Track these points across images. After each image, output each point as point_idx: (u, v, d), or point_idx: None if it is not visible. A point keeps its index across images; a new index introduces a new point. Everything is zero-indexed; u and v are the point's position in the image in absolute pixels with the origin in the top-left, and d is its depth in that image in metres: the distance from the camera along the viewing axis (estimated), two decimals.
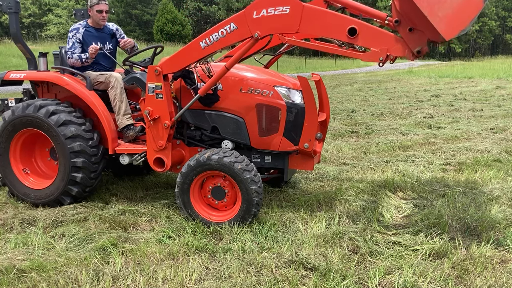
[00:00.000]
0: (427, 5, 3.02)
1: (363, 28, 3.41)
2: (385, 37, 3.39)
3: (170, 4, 50.70)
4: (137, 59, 5.00)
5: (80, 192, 4.47)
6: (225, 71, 3.89)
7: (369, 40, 3.42)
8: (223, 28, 3.73)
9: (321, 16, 3.50)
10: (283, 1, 3.53)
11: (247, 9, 3.64)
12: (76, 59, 4.62)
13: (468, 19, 3.01)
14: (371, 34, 3.41)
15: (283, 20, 3.57)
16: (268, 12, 3.58)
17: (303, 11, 3.51)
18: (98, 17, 4.74)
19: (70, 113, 4.41)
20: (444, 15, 3.00)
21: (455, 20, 3.01)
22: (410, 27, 3.27)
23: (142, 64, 4.78)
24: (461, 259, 3.29)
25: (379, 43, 3.40)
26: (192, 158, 3.96)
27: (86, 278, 3.06)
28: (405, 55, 3.36)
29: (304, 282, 3.05)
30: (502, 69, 27.20)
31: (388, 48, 3.38)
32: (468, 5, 2.98)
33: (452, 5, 2.98)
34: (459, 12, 2.99)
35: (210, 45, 3.81)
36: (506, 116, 10.22)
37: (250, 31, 3.66)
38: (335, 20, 3.48)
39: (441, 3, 3.00)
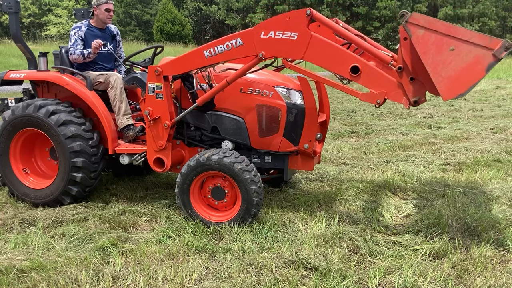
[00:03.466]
0: (431, 62, 3.06)
1: (366, 68, 3.42)
2: (386, 81, 3.40)
3: (170, 4, 50.69)
4: (137, 59, 5.01)
5: (80, 192, 4.47)
6: (226, 85, 3.93)
7: (370, 81, 3.44)
8: (229, 42, 3.74)
9: (327, 49, 3.50)
10: (293, 27, 3.54)
11: (256, 28, 3.65)
12: (78, 55, 4.62)
13: (468, 85, 3.04)
14: (373, 75, 3.42)
15: (289, 46, 3.57)
16: (275, 35, 3.58)
17: (310, 40, 3.51)
18: (106, 16, 4.76)
19: (70, 113, 4.41)
20: (447, 76, 3.03)
21: (456, 83, 3.04)
22: (412, 77, 3.28)
23: (142, 64, 4.78)
24: (461, 259, 3.30)
25: (379, 86, 3.42)
26: (192, 159, 3.96)
27: (86, 278, 3.06)
28: (402, 102, 3.39)
29: (304, 282, 3.05)
30: (502, 69, 27.15)
31: (387, 92, 3.41)
32: (471, 71, 3.00)
33: (456, 68, 3.01)
34: (461, 76, 3.02)
35: (213, 55, 3.82)
36: (506, 116, 10.22)
37: (256, 50, 3.67)
38: (340, 55, 3.48)
39: (445, 64, 3.03)
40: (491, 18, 61.84)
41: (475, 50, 2.94)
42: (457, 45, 2.99)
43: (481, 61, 2.95)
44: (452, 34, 2.99)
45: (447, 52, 3.01)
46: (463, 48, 2.97)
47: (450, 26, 3.03)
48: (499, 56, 2.89)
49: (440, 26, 3.01)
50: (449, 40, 3.00)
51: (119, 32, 5.15)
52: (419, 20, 3.04)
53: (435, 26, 3.02)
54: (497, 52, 2.88)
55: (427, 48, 3.05)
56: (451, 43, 3.00)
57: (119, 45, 5.15)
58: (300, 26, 3.51)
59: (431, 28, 3.02)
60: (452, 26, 3.02)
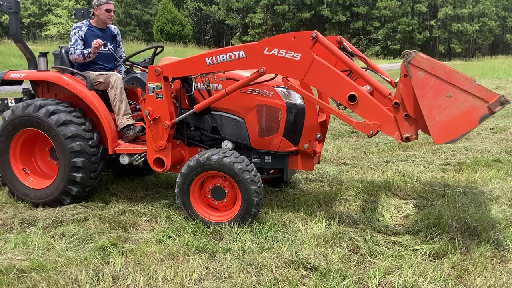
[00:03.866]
0: (428, 105, 3.10)
1: (363, 98, 3.45)
2: (381, 114, 3.45)
3: (170, 4, 50.69)
4: (137, 59, 5.01)
5: (80, 192, 4.47)
6: (224, 95, 3.96)
7: (365, 112, 3.48)
8: (232, 53, 3.76)
9: (327, 74, 3.52)
10: (297, 47, 3.55)
11: (260, 43, 3.67)
12: (78, 55, 4.63)
13: (460, 132, 3.11)
14: (369, 106, 3.46)
15: (291, 65, 3.59)
16: (279, 53, 3.60)
17: (312, 63, 3.53)
18: (106, 16, 4.77)
19: (70, 113, 4.41)
20: (441, 121, 3.09)
21: (448, 129, 3.10)
22: (407, 113, 3.33)
23: (142, 64, 4.79)
24: (461, 259, 3.30)
25: (374, 118, 3.47)
26: (192, 159, 3.96)
27: (86, 278, 3.06)
28: (394, 136, 3.43)
29: (304, 282, 3.05)
30: (502, 69, 27.16)
31: (381, 125, 3.46)
32: (464, 120, 3.05)
33: (450, 115, 3.07)
34: (454, 123, 3.08)
35: (215, 64, 3.85)
36: (506, 116, 10.21)
37: (257, 64, 3.69)
38: (340, 82, 3.51)
39: (441, 109, 3.07)
40: (491, 18, 61.84)
41: (472, 100, 2.99)
42: (455, 93, 3.03)
43: (476, 111, 3.00)
44: (452, 81, 3.04)
45: (444, 98, 3.06)
46: (460, 96, 3.02)
47: (450, 73, 3.06)
48: (494, 110, 2.95)
49: (441, 72, 3.05)
50: (448, 86, 3.05)
51: (119, 32, 5.15)
52: (421, 63, 3.08)
53: (436, 71, 3.06)
54: (492, 106, 2.94)
55: (425, 91, 3.10)
56: (449, 89, 3.04)
57: (119, 45, 5.15)
58: (304, 47, 3.54)
59: (432, 72, 3.07)
60: (453, 73, 3.05)
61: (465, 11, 60.63)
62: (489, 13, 61.38)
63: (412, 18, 62.21)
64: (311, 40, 3.53)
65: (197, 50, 44.59)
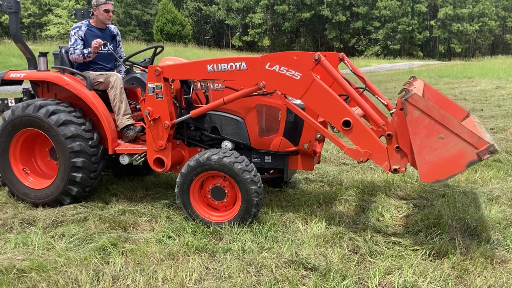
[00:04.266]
0: (419, 144, 3.17)
1: (357, 125, 3.50)
2: (373, 143, 3.50)
3: (170, 4, 50.68)
4: (137, 59, 5.01)
5: (80, 192, 4.47)
6: (222, 104, 4.00)
7: (358, 139, 3.53)
8: (233, 63, 3.79)
9: (325, 97, 3.55)
10: (298, 67, 3.59)
11: (262, 57, 3.70)
12: (78, 55, 4.62)
13: (447, 174, 3.18)
14: (363, 134, 3.51)
15: (290, 84, 3.62)
16: (280, 70, 3.63)
17: (312, 84, 3.55)
18: (105, 16, 4.76)
19: (70, 113, 4.41)
20: (430, 161, 3.15)
21: (436, 169, 3.16)
22: (398, 146, 3.38)
23: (142, 64, 4.78)
24: (461, 259, 3.30)
25: (365, 146, 3.52)
26: (192, 159, 3.96)
27: (86, 278, 3.06)
28: (383, 166, 3.49)
29: (304, 282, 3.05)
30: (502, 69, 27.15)
31: (372, 153, 3.52)
32: (453, 162, 3.12)
33: (439, 156, 3.13)
34: (443, 164, 3.14)
35: (215, 72, 3.88)
36: (506, 116, 10.21)
37: (257, 78, 3.72)
38: (337, 106, 3.54)
39: (431, 149, 3.14)
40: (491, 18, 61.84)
41: (462, 145, 3.06)
42: (447, 135, 3.09)
43: (465, 156, 3.06)
44: (445, 124, 3.10)
45: (436, 139, 3.12)
46: (452, 139, 3.08)
47: (445, 116, 3.11)
48: (482, 157, 3.01)
49: (436, 113, 3.11)
50: (441, 128, 3.10)
51: (119, 32, 5.15)
52: (418, 102, 3.13)
53: (431, 112, 3.12)
54: (481, 153, 3.00)
55: (418, 129, 3.16)
56: (442, 131, 3.10)
57: (119, 45, 5.15)
58: (305, 68, 3.57)
59: (427, 112, 3.12)
60: (447, 116, 3.11)
61: (465, 11, 60.63)
62: (489, 13, 61.38)
63: (412, 18, 62.20)
64: (313, 62, 3.57)
65: (197, 50, 44.57)
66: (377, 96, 4.41)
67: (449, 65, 38.52)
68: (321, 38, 67.84)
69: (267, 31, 65.11)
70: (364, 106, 3.64)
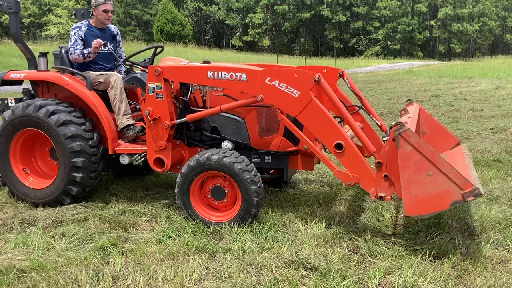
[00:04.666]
0: (407, 178, 3.23)
1: (349, 149, 3.55)
2: (363, 168, 3.55)
3: (170, 4, 50.72)
4: (137, 59, 5.01)
5: (80, 192, 4.47)
6: (218, 112, 4.04)
7: (348, 163, 3.58)
8: (234, 73, 3.82)
9: (320, 118, 3.60)
10: (297, 85, 3.61)
11: (263, 71, 3.72)
12: (78, 55, 4.62)
13: (431, 210, 3.24)
14: (353, 158, 3.56)
15: (288, 100, 3.65)
16: (279, 85, 3.66)
17: (309, 104, 3.59)
18: (104, 16, 4.76)
19: (70, 113, 4.41)
20: (415, 195, 3.21)
21: (420, 204, 3.22)
22: (386, 174, 3.44)
23: (142, 64, 4.78)
24: (461, 259, 3.29)
25: (355, 170, 3.57)
26: (192, 158, 3.96)
27: (86, 278, 3.06)
28: (369, 191, 3.55)
29: (304, 282, 3.04)
30: (502, 69, 27.18)
31: (360, 178, 3.57)
32: (437, 200, 3.18)
33: (425, 192, 3.19)
34: (428, 201, 3.20)
35: (215, 79, 3.90)
36: (506, 116, 10.21)
37: (256, 91, 3.74)
38: (331, 128, 3.59)
39: (418, 184, 3.20)
40: (491, 18, 61.84)
41: (449, 184, 3.12)
42: (435, 173, 3.14)
43: (450, 195, 3.13)
44: (434, 162, 3.15)
45: (424, 175, 3.18)
46: (439, 178, 3.14)
47: (435, 154, 3.16)
48: (466, 199, 3.08)
49: (426, 151, 3.16)
50: (430, 165, 3.15)
51: (119, 32, 5.15)
52: (411, 138, 3.18)
53: (422, 148, 3.17)
54: (466, 195, 3.08)
55: (408, 164, 3.21)
56: (430, 169, 3.15)
57: (119, 45, 5.15)
58: (304, 87, 3.60)
59: (418, 148, 3.17)
60: (437, 155, 3.16)
61: (465, 11, 60.65)
62: (489, 13, 61.39)
63: (412, 18, 62.22)
64: (313, 82, 3.59)
65: (197, 50, 44.61)
66: (372, 116, 4.55)
67: (449, 65, 38.54)
68: (321, 38, 67.86)
69: (267, 31, 65.14)
70: (357, 131, 3.69)
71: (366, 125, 4.65)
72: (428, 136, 4.46)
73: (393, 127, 3.30)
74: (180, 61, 4.50)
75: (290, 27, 64.42)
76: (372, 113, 4.62)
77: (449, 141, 4.40)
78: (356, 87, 4.69)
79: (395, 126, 3.27)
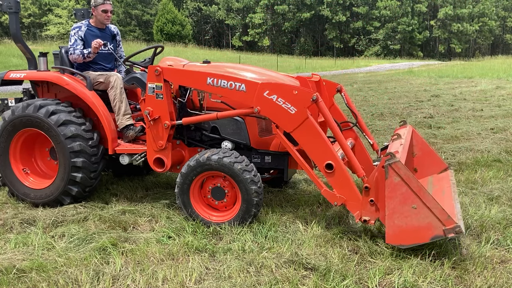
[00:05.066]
0: (392, 208, 3.28)
1: (339, 171, 3.60)
2: (351, 191, 3.61)
3: (170, 4, 50.72)
4: (137, 59, 5.01)
5: (80, 192, 4.47)
6: (214, 118, 4.06)
7: (337, 184, 3.64)
8: (233, 82, 3.83)
9: (314, 137, 3.65)
10: (295, 102, 3.64)
11: (263, 84, 3.73)
12: (78, 55, 4.62)
13: (412, 241, 3.32)
14: (342, 180, 3.62)
15: (284, 116, 3.69)
16: (277, 100, 3.69)
17: (304, 122, 3.63)
18: (103, 16, 4.75)
19: (70, 113, 4.41)
20: (398, 225, 3.27)
21: (402, 235, 3.29)
22: (372, 199, 3.49)
23: (142, 64, 4.78)
24: (461, 259, 3.30)
25: (342, 191, 3.63)
26: (192, 158, 3.96)
27: (86, 278, 3.06)
28: (354, 214, 3.61)
29: (304, 282, 3.05)
30: (502, 69, 27.19)
31: (346, 200, 3.62)
32: (419, 233, 3.26)
33: (408, 223, 3.26)
34: (410, 232, 3.27)
35: (214, 86, 3.92)
36: (506, 116, 10.21)
37: (253, 103, 3.76)
38: (323, 148, 3.63)
39: (402, 215, 3.26)
40: (491, 18, 61.85)
41: (432, 219, 3.19)
42: (420, 207, 3.21)
43: (431, 229, 3.21)
44: (420, 196, 3.21)
45: (409, 207, 3.24)
46: (423, 211, 3.20)
47: (421, 188, 3.22)
48: (447, 235, 3.15)
49: (414, 184, 3.22)
50: (416, 198, 3.21)
51: (119, 32, 5.15)
52: (400, 170, 3.24)
53: (410, 181, 3.22)
54: (447, 231, 3.15)
55: (394, 194, 3.27)
56: (416, 202, 3.21)
57: (119, 45, 5.15)
58: (301, 104, 3.63)
59: (406, 181, 3.23)
60: (423, 189, 3.21)
61: (465, 11, 60.67)
62: (489, 13, 61.41)
63: (412, 18, 62.23)
64: (311, 101, 3.62)
65: (197, 50, 44.59)
66: (365, 134, 4.63)
67: (449, 65, 38.55)
68: (321, 38, 67.88)
69: (267, 31, 65.14)
70: (348, 153, 3.73)
71: (359, 142, 4.72)
72: (419, 158, 4.57)
73: (384, 156, 3.36)
74: (180, 61, 4.50)
75: (290, 27, 64.44)
76: (365, 131, 4.74)
77: (438, 165, 4.51)
78: (352, 104, 4.79)
79: (386, 156, 3.32)
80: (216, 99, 4.32)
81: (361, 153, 4.66)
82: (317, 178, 3.78)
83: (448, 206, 3.49)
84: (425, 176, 4.49)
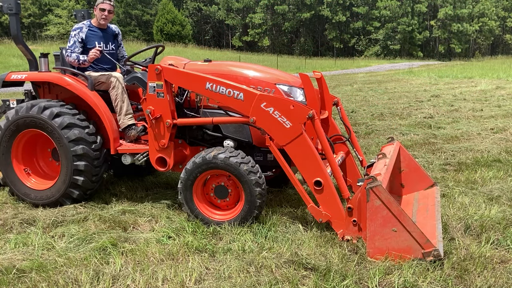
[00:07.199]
0: (373, 230, 3.32)
1: (328, 189, 3.67)
2: (336, 209, 3.67)
3: (170, 4, 50.73)
4: (138, 59, 5.01)
5: (81, 195, 4.47)
6: (210, 123, 4.11)
7: (324, 201, 3.69)
8: (232, 90, 3.85)
9: (306, 153, 3.69)
10: (291, 116, 3.68)
11: (261, 96, 3.76)
12: (74, 59, 4.62)
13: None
14: (329, 198, 3.67)
15: (279, 129, 3.73)
16: (273, 112, 3.72)
17: (298, 137, 3.67)
18: (100, 15, 4.75)
19: (74, 116, 4.40)
20: (379, 247, 3.32)
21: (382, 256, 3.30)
22: (355, 220, 3.54)
23: (143, 64, 4.78)
24: (461, 259, 3.30)
25: (328, 209, 3.69)
26: (198, 155, 3.95)
27: (86, 278, 3.06)
28: (338, 232, 3.66)
29: (304, 282, 3.05)
30: (502, 69, 27.19)
31: (331, 218, 3.69)
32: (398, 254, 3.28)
33: (388, 245, 3.28)
34: (389, 254, 3.29)
35: (213, 92, 3.93)
36: (506, 116, 10.21)
37: (250, 112, 3.79)
38: (314, 165, 3.69)
39: (383, 237, 3.30)
40: (491, 18, 61.84)
41: (411, 242, 3.23)
42: (400, 230, 3.24)
43: (411, 252, 3.23)
44: (400, 220, 3.24)
45: (389, 230, 3.27)
46: (403, 235, 3.24)
47: (402, 212, 3.23)
48: (426, 258, 3.20)
49: (394, 208, 3.24)
50: (396, 222, 3.24)
51: (120, 32, 5.14)
52: (381, 194, 3.26)
53: (390, 205, 3.25)
54: (425, 254, 3.20)
55: (375, 217, 3.29)
56: (396, 225, 3.24)
57: (121, 44, 5.14)
58: (297, 119, 3.67)
59: (387, 204, 3.25)
60: (404, 213, 3.23)
61: (465, 11, 60.67)
62: (489, 13, 61.40)
63: (412, 18, 62.23)
64: (306, 117, 3.66)
65: (197, 50, 44.58)
66: (355, 150, 4.72)
67: (449, 65, 38.55)
68: (321, 38, 67.87)
69: (267, 31, 65.13)
70: (337, 174, 3.79)
71: (350, 157, 4.76)
72: (406, 174, 4.60)
73: (366, 179, 3.37)
74: (181, 60, 4.50)
75: (290, 27, 64.43)
76: (356, 147, 4.80)
77: (425, 181, 4.54)
78: (347, 118, 4.85)
79: (368, 179, 3.34)
80: (213, 104, 4.31)
81: (351, 169, 4.75)
82: (305, 193, 3.81)
83: (429, 227, 3.53)
84: (411, 192, 4.53)
